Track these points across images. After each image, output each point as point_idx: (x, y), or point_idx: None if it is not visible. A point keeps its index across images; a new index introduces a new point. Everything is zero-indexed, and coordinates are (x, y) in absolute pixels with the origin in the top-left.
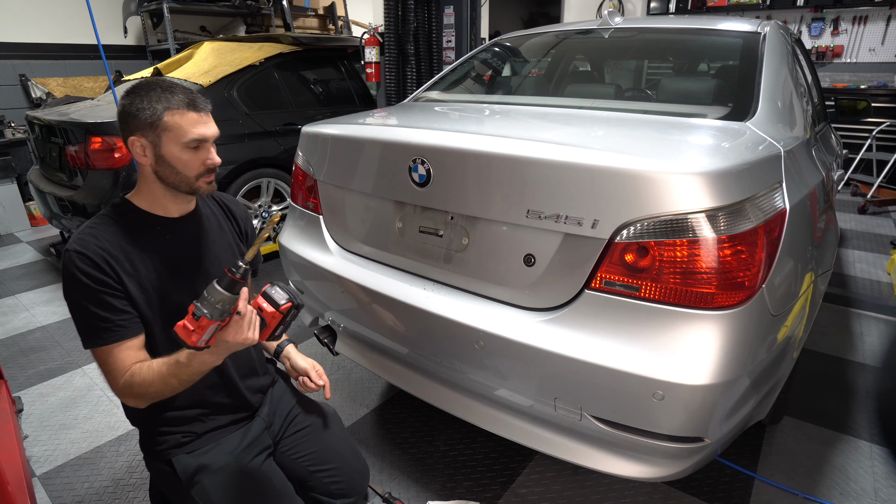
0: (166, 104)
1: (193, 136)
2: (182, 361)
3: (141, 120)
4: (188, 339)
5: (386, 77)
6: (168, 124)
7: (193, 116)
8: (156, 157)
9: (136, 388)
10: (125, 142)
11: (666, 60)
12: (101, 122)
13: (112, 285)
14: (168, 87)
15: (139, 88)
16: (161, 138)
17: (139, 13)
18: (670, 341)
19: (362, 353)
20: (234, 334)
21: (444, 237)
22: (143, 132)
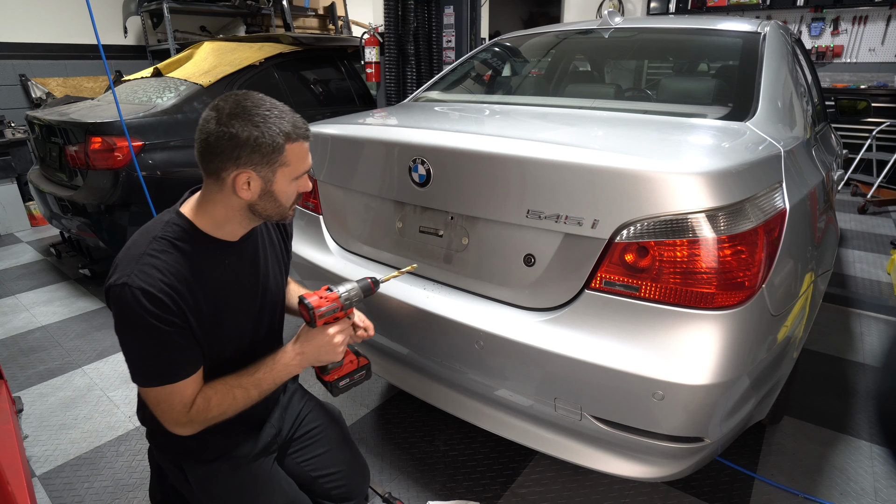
0: (286, 135)
1: (306, 169)
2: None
3: (259, 153)
4: (317, 304)
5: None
6: (288, 159)
7: (306, 146)
8: (262, 192)
9: (210, 413)
10: (218, 171)
11: (666, 60)
12: (101, 122)
13: (179, 325)
14: (277, 110)
15: (246, 111)
16: (276, 174)
17: (139, 13)
18: (670, 341)
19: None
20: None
21: (444, 237)
22: (257, 167)
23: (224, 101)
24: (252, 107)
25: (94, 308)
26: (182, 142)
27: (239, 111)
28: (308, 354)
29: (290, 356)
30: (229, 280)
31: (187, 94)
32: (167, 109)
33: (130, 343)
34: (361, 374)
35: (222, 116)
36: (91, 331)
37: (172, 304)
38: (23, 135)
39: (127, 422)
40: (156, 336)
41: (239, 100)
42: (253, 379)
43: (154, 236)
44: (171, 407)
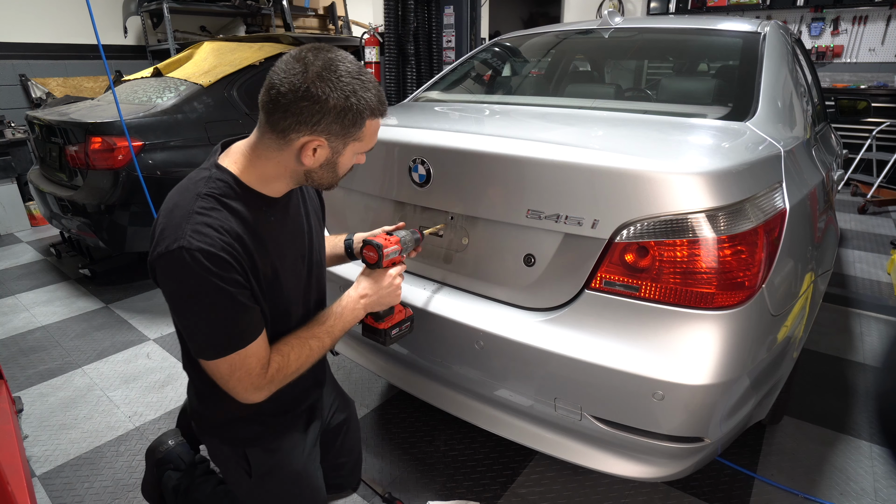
0: (371, 109)
1: (370, 147)
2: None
3: (340, 123)
4: (386, 243)
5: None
6: (364, 134)
7: (380, 123)
8: (325, 161)
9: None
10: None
11: (666, 60)
12: (101, 122)
13: (243, 284)
14: (366, 78)
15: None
16: (346, 147)
17: (139, 13)
18: (670, 341)
19: (362, 353)
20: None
21: (444, 237)
22: (332, 136)
23: (314, 54)
24: (345, 72)
25: (94, 308)
26: (182, 142)
27: (329, 73)
28: (373, 296)
29: (354, 300)
30: (278, 238)
31: (187, 95)
32: (167, 109)
33: (197, 312)
34: (408, 326)
35: (309, 72)
36: (91, 331)
37: (235, 263)
38: (23, 135)
39: (127, 422)
40: (224, 299)
41: (332, 59)
42: (325, 328)
43: (198, 193)
44: (248, 372)
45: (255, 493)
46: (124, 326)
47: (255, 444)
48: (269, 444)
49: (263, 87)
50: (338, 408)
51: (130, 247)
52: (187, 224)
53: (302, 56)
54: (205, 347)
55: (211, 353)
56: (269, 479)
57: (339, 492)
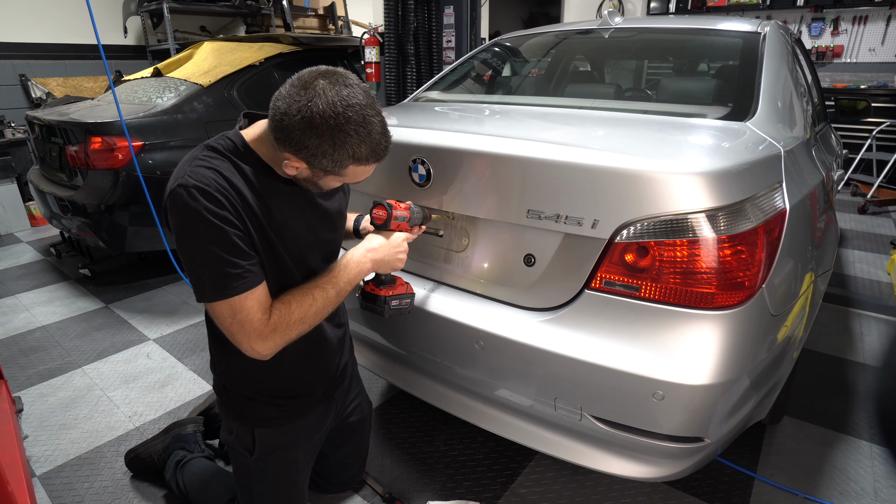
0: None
1: (357, 181)
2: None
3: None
4: (396, 205)
5: (386, 77)
6: (344, 174)
7: (373, 167)
8: (305, 179)
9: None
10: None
11: (666, 60)
12: (101, 122)
13: (238, 225)
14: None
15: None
16: (326, 177)
17: (139, 13)
18: (670, 341)
19: (362, 354)
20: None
21: (444, 237)
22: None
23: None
24: (343, 120)
25: (94, 308)
26: (182, 142)
27: (329, 117)
28: (380, 252)
29: (361, 253)
30: (284, 208)
31: (187, 94)
32: (167, 109)
33: (195, 249)
34: (408, 302)
35: (315, 107)
36: (91, 331)
37: (227, 202)
38: (23, 135)
39: (127, 422)
40: (218, 235)
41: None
42: (328, 277)
43: (207, 145)
44: (249, 316)
45: (251, 471)
46: (124, 326)
47: (266, 426)
48: (280, 426)
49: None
50: (357, 406)
51: (130, 247)
52: (189, 167)
53: (312, 83)
54: (206, 289)
55: (211, 295)
56: (269, 460)
57: (340, 490)
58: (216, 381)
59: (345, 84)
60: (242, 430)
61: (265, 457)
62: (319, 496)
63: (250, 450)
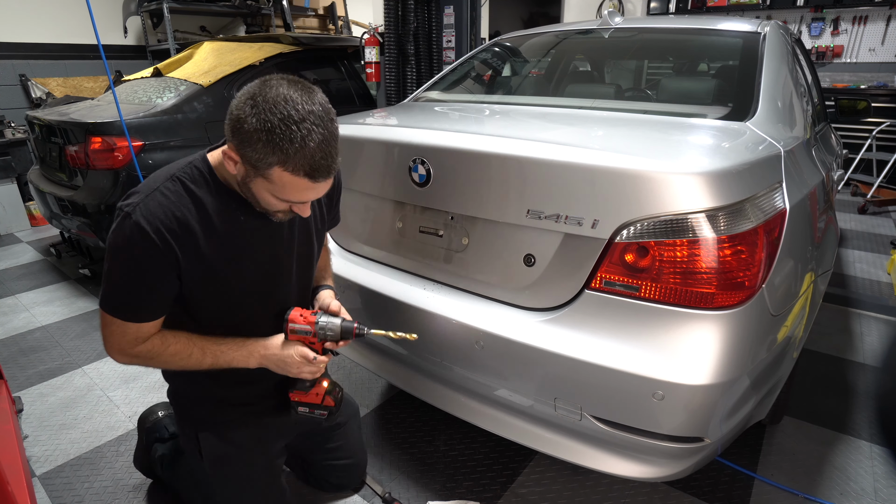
0: (281, 156)
1: (291, 199)
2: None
3: (246, 149)
4: (292, 318)
5: (386, 77)
6: (272, 177)
7: (305, 183)
8: (241, 181)
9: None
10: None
11: (666, 60)
12: (101, 122)
13: (164, 271)
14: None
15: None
16: (256, 179)
17: (139, 13)
18: (670, 341)
19: (362, 353)
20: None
21: (444, 237)
22: (243, 159)
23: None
24: (282, 116)
25: (94, 308)
26: (182, 142)
27: (271, 104)
28: (268, 358)
29: (256, 349)
30: (243, 240)
31: (187, 94)
32: (167, 109)
33: (113, 269)
34: (322, 413)
35: (264, 93)
36: (91, 331)
37: (166, 247)
38: (23, 135)
39: (127, 422)
40: (135, 273)
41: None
42: (216, 348)
43: (171, 175)
44: (122, 336)
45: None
46: None
47: (205, 429)
48: (222, 432)
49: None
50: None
51: None
52: (148, 201)
53: (272, 78)
54: (105, 298)
55: (106, 307)
56: (221, 468)
57: (339, 491)
58: (169, 388)
59: (304, 89)
60: (187, 433)
61: (215, 464)
62: (319, 495)
63: (200, 453)
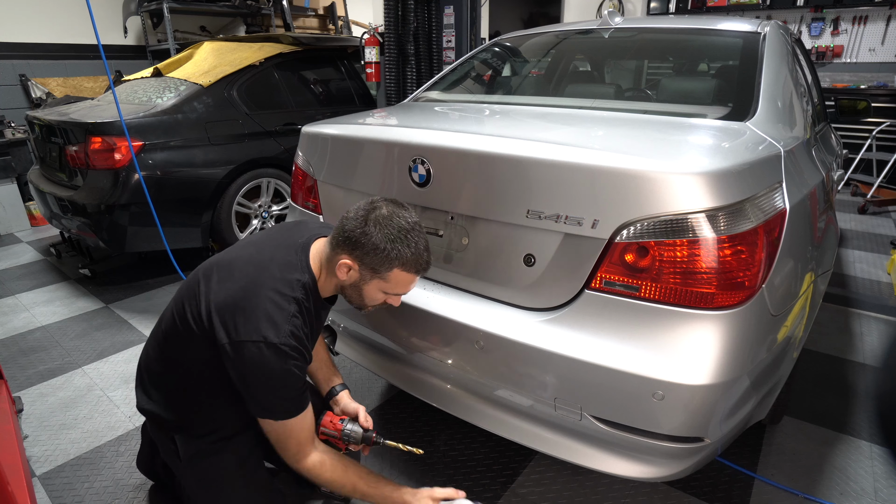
0: (400, 261)
1: (400, 293)
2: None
3: (368, 259)
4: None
5: (386, 77)
6: (390, 277)
7: (414, 279)
8: (352, 284)
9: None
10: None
11: (666, 60)
12: (101, 122)
13: (305, 371)
14: (413, 236)
15: (385, 222)
16: (372, 281)
17: (139, 13)
18: (670, 341)
19: (362, 353)
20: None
21: (444, 237)
22: (363, 266)
23: (389, 204)
24: (397, 228)
25: (94, 308)
26: (182, 142)
27: (386, 220)
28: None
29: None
30: (315, 335)
31: (187, 94)
32: (167, 109)
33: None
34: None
35: (376, 213)
36: (91, 331)
37: (307, 354)
38: (23, 135)
39: (127, 422)
40: (298, 383)
41: (395, 213)
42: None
43: (296, 299)
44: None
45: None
46: (124, 326)
47: (180, 431)
48: (196, 430)
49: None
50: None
51: (130, 247)
52: (287, 327)
53: (375, 201)
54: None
55: (281, 416)
56: (198, 464)
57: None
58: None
59: (402, 206)
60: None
61: (192, 459)
62: (318, 495)
63: (177, 455)
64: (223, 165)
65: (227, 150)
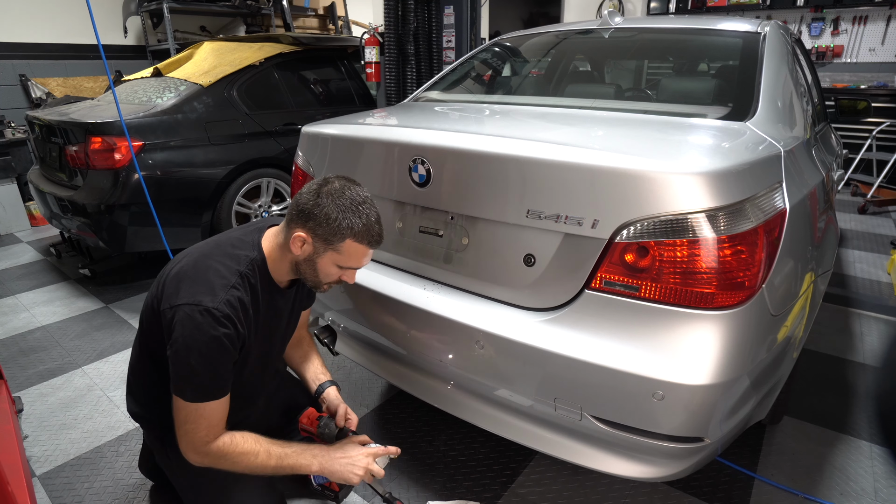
0: (352, 230)
1: (354, 266)
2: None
3: (321, 229)
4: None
5: (386, 77)
6: (342, 248)
7: (366, 251)
8: (307, 259)
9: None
10: (288, 230)
11: (666, 60)
12: (101, 122)
13: (237, 347)
14: (365, 208)
15: (337, 194)
16: (325, 254)
17: (139, 13)
18: (670, 341)
19: (362, 353)
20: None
21: (444, 237)
22: (316, 237)
23: (339, 178)
24: (348, 200)
25: (94, 308)
26: (182, 142)
27: (336, 193)
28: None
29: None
30: (271, 318)
31: (187, 94)
32: (167, 109)
33: (195, 362)
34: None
35: (327, 187)
36: (91, 331)
37: (241, 327)
38: (23, 135)
39: (127, 422)
40: (223, 355)
41: (345, 186)
42: (280, 451)
43: (240, 272)
44: (204, 425)
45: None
46: (124, 326)
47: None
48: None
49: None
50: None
51: (130, 247)
52: (222, 295)
53: (327, 178)
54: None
55: (195, 396)
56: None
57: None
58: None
59: (354, 182)
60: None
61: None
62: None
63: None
64: (223, 165)
65: (227, 150)
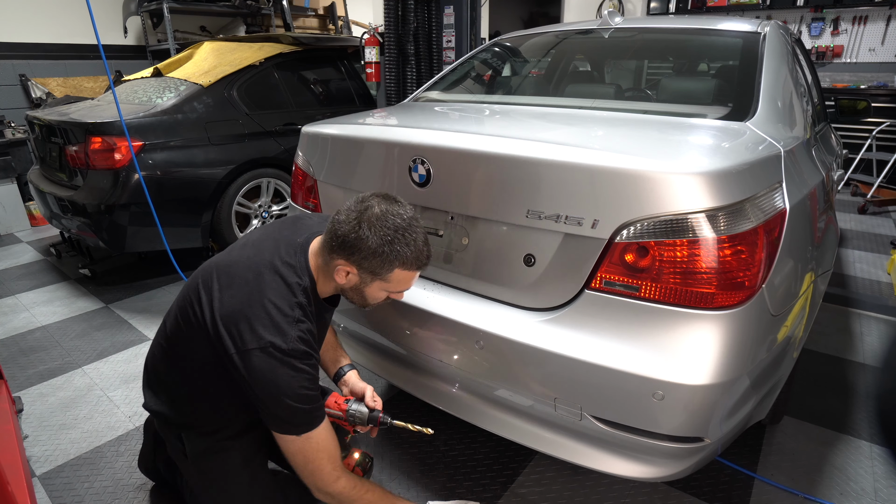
0: (402, 260)
1: (401, 290)
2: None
3: (367, 263)
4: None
5: (386, 77)
6: (391, 277)
7: (415, 275)
8: (353, 287)
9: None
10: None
11: (666, 60)
12: (101, 122)
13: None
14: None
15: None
16: (373, 283)
17: (139, 13)
18: (670, 341)
19: (362, 353)
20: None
21: (444, 237)
22: (362, 270)
23: (381, 201)
24: (392, 227)
25: (94, 308)
26: (182, 142)
27: (381, 221)
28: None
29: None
30: (319, 337)
31: (187, 94)
32: (167, 109)
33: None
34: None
35: (369, 214)
36: (91, 331)
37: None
38: (23, 135)
39: (127, 422)
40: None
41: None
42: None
43: (299, 303)
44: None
45: (196, 475)
46: (124, 326)
47: (186, 429)
48: (203, 428)
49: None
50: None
51: (130, 247)
52: (293, 331)
53: (367, 199)
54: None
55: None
56: (204, 461)
57: None
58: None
59: (394, 201)
60: (170, 435)
61: (199, 457)
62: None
63: (184, 453)
64: (223, 165)
65: (227, 150)
